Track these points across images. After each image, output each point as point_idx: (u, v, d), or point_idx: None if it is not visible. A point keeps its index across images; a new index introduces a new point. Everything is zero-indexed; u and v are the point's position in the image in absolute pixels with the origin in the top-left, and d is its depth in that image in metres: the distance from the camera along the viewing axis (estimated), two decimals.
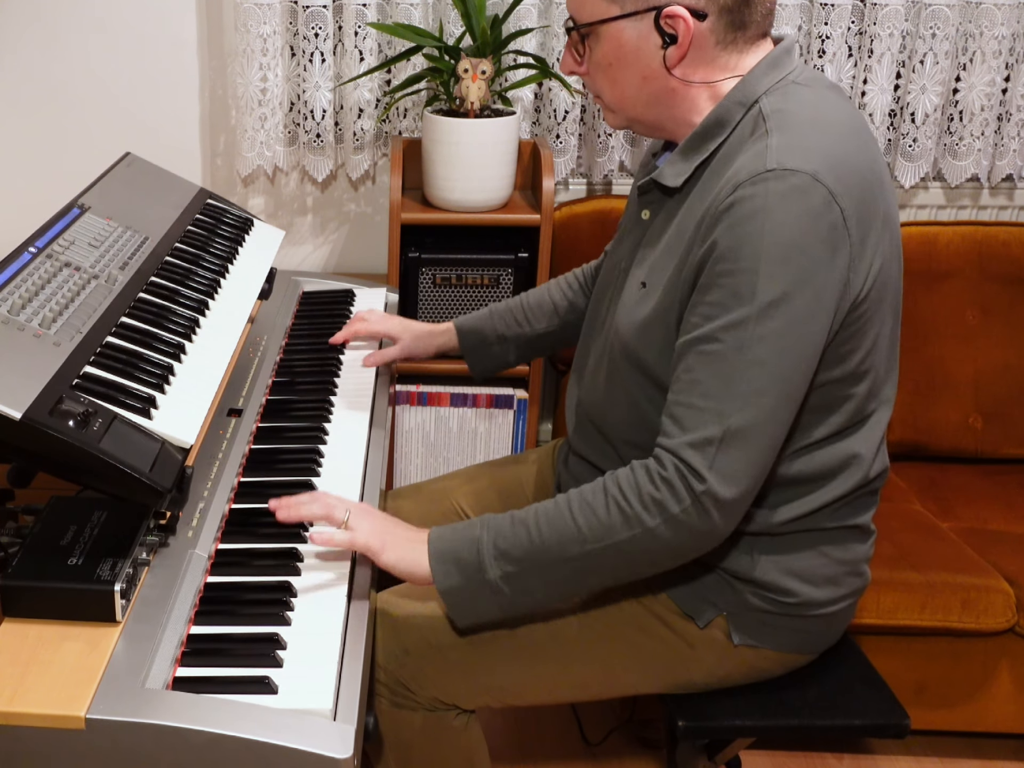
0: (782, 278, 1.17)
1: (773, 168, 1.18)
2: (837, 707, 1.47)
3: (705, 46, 1.26)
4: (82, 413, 1.11)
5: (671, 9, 1.23)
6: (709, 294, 1.21)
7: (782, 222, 1.17)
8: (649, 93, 1.30)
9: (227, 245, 1.71)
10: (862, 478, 1.36)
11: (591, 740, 2.11)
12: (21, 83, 2.40)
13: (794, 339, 1.19)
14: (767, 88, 1.27)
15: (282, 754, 0.98)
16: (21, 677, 1.03)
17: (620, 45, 1.28)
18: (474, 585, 1.26)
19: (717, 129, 1.28)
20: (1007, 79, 2.45)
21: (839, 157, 1.21)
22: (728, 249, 1.19)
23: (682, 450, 1.21)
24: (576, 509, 1.24)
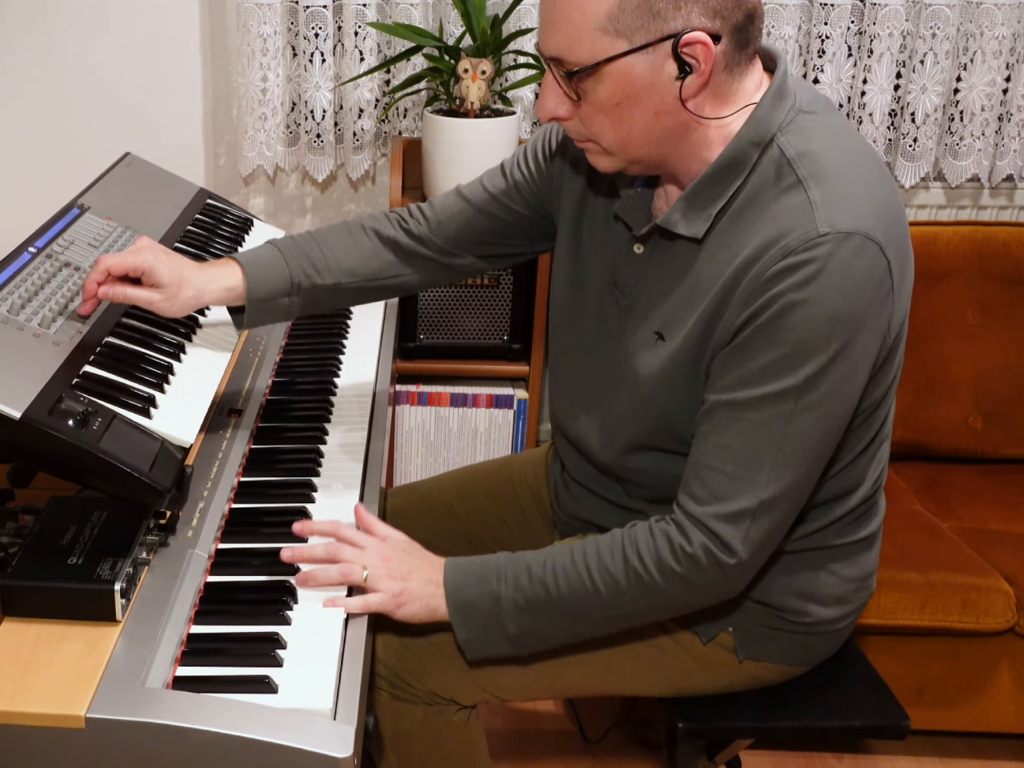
0: (830, 348, 1.13)
1: (827, 233, 1.12)
2: (837, 707, 1.47)
3: (717, 72, 1.16)
4: (82, 412, 1.11)
5: (691, 36, 1.10)
6: (752, 359, 1.16)
7: (837, 290, 1.12)
8: (661, 130, 1.18)
9: (227, 245, 1.71)
10: (869, 489, 1.35)
11: (590, 737, 2.11)
12: (21, 83, 2.40)
13: (836, 402, 1.17)
14: (780, 124, 1.19)
15: (282, 753, 0.98)
16: (21, 677, 1.02)
17: (630, 82, 1.14)
18: (492, 636, 1.29)
19: (732, 172, 1.19)
20: (1008, 79, 2.44)
21: (879, 203, 1.16)
22: (777, 316, 1.13)
23: (713, 523, 1.19)
24: (595, 572, 1.24)
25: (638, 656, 1.41)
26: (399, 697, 1.41)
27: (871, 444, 1.32)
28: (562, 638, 1.32)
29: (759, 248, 1.16)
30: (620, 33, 1.11)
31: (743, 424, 1.17)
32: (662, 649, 1.40)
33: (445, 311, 2.35)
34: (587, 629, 1.31)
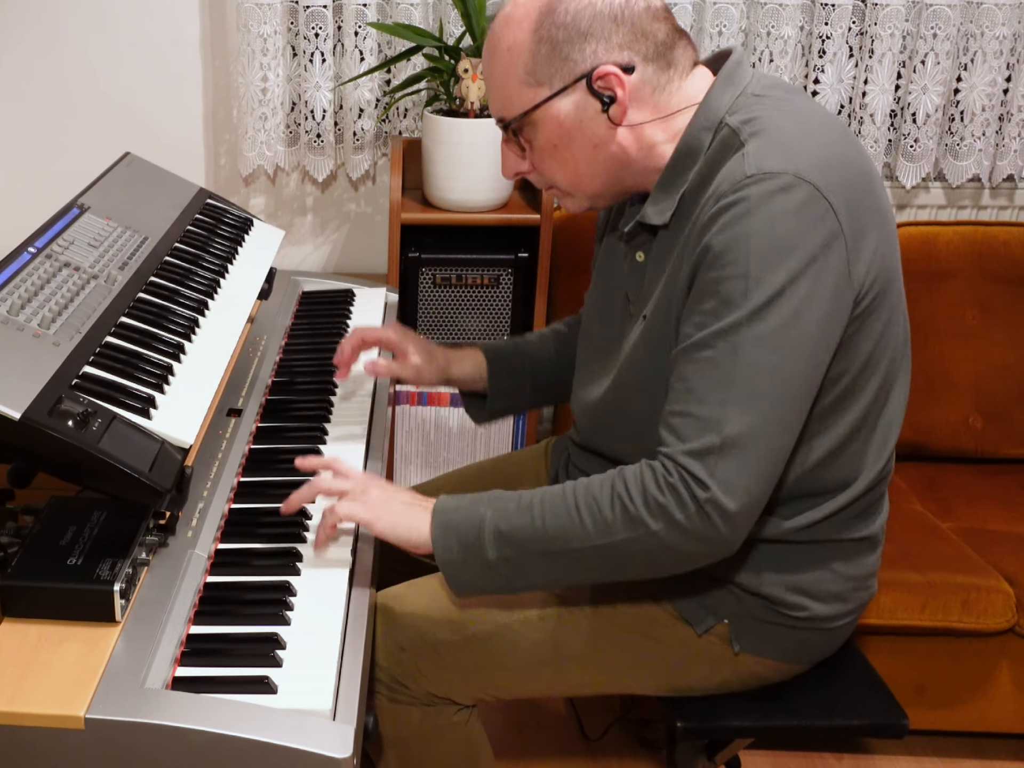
0: (772, 279, 1.15)
1: (753, 173, 1.17)
2: (837, 707, 1.47)
3: (643, 95, 1.25)
4: (81, 413, 1.11)
5: (601, 70, 1.22)
6: (701, 303, 1.20)
7: (769, 222, 1.15)
8: (604, 160, 1.28)
9: (227, 245, 1.71)
10: (872, 481, 1.35)
11: (590, 735, 2.11)
12: (22, 82, 2.40)
13: (789, 340, 1.17)
14: (728, 106, 1.25)
15: (282, 754, 0.98)
16: (21, 677, 1.03)
17: (560, 123, 1.26)
18: (472, 562, 1.25)
19: (689, 158, 1.26)
20: (1008, 79, 2.44)
21: (820, 153, 1.19)
22: (716, 256, 1.18)
23: (682, 459, 1.19)
24: (581, 503, 1.23)
25: (634, 650, 1.41)
26: (397, 700, 1.41)
27: (864, 428, 1.31)
28: (543, 573, 1.26)
29: (701, 206, 1.22)
30: (540, 83, 1.25)
31: (699, 364, 1.19)
32: (658, 641, 1.40)
33: (445, 311, 2.35)
34: (568, 566, 1.25)
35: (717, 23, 2.34)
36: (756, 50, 2.38)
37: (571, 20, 1.22)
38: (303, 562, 1.25)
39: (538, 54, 1.23)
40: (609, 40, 1.22)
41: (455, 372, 1.62)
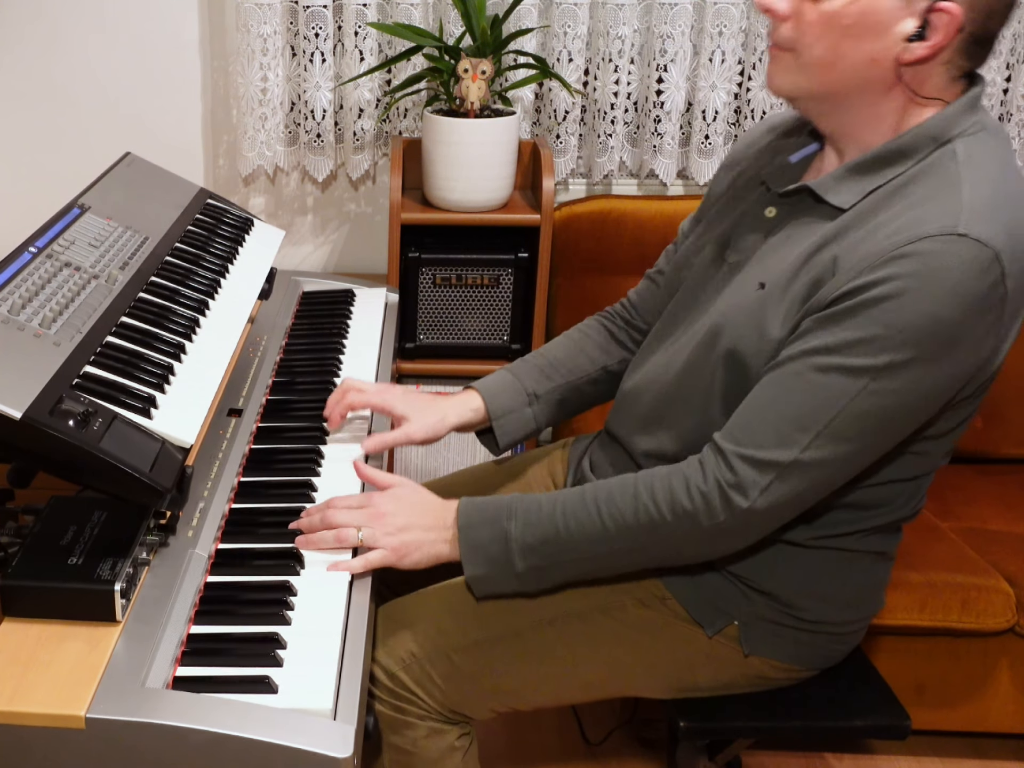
0: (920, 346, 1.13)
1: (964, 235, 1.11)
2: (837, 707, 1.47)
3: (942, 56, 1.17)
4: (82, 413, 1.11)
5: (949, 5, 1.12)
6: (843, 329, 1.15)
7: (947, 291, 1.11)
8: (864, 77, 1.18)
9: (227, 245, 1.71)
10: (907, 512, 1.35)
11: (591, 740, 2.11)
12: (22, 83, 2.40)
13: (905, 402, 1.16)
14: (962, 130, 1.20)
15: (282, 753, 0.98)
16: (21, 677, 1.03)
17: (869, 13, 1.14)
18: (500, 574, 1.30)
19: (901, 158, 1.20)
20: (1008, 79, 2.44)
21: (1019, 232, 1.15)
22: (883, 298, 1.13)
23: (738, 462, 1.19)
24: (604, 510, 1.25)
25: (643, 651, 1.41)
26: (403, 711, 1.40)
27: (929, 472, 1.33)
28: (569, 575, 1.33)
29: (896, 226, 1.15)
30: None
31: (809, 385, 1.17)
32: (668, 642, 1.40)
33: (445, 311, 2.35)
34: (593, 566, 1.32)
35: (717, 23, 2.34)
36: (756, 50, 2.38)
37: None
38: (303, 562, 1.25)
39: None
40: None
41: (453, 421, 1.51)
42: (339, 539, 1.26)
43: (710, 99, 2.41)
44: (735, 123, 2.48)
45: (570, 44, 2.35)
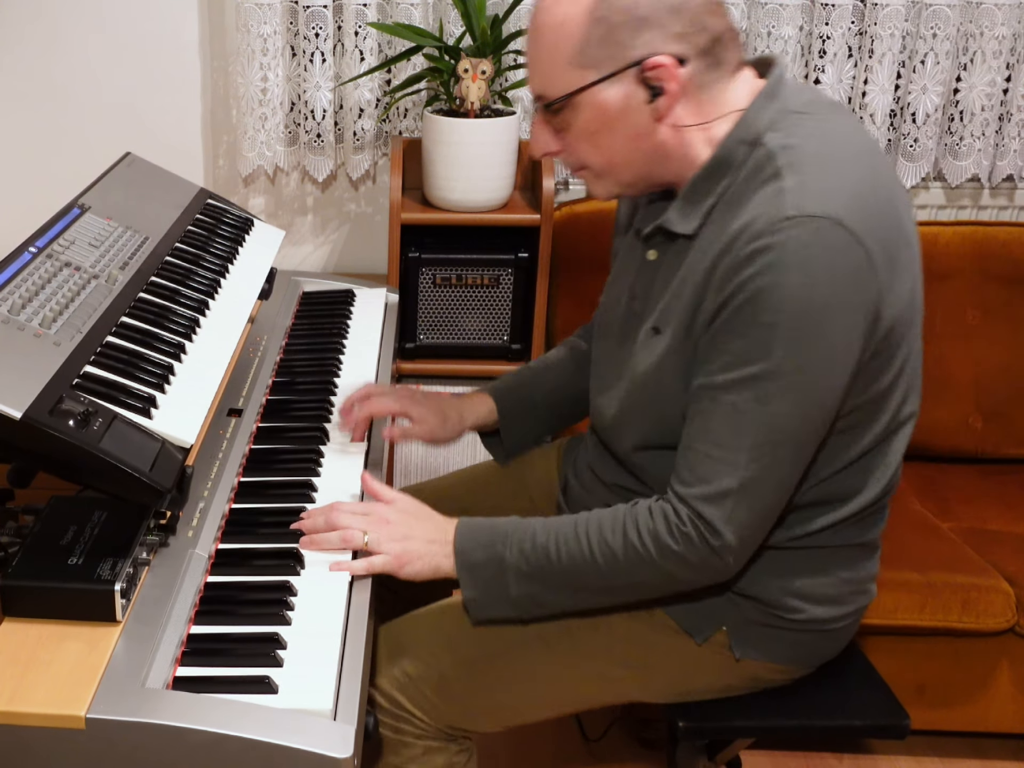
0: (803, 331, 1.15)
1: (792, 216, 1.13)
2: (837, 707, 1.47)
3: (690, 90, 1.21)
4: (82, 413, 1.11)
5: (654, 60, 1.17)
6: (729, 343, 1.18)
7: (805, 273, 1.13)
8: (642, 151, 1.25)
9: (227, 245, 1.71)
10: (878, 493, 1.35)
11: (590, 736, 2.11)
12: (22, 83, 2.40)
13: (814, 388, 1.18)
14: (769, 122, 1.22)
15: (282, 754, 0.98)
16: (21, 677, 1.03)
17: (604, 109, 1.21)
18: (495, 597, 1.32)
19: (722, 170, 1.23)
20: (1008, 79, 2.44)
21: (858, 192, 1.17)
22: (748, 300, 1.15)
23: (698, 504, 1.21)
24: (595, 545, 1.27)
25: (635, 662, 1.40)
26: (400, 731, 1.40)
27: (873, 452, 1.31)
28: (562, 604, 1.34)
29: (734, 235, 1.18)
30: (588, 65, 1.19)
31: (723, 407, 1.20)
32: (660, 654, 1.40)
33: (445, 311, 2.35)
34: (587, 597, 1.33)
35: None
36: (756, 50, 2.38)
37: (631, 3, 1.16)
38: (303, 562, 1.25)
39: (591, 35, 1.18)
40: (666, 29, 1.17)
41: (470, 423, 1.62)
42: (344, 540, 1.26)
43: None
44: None
45: None
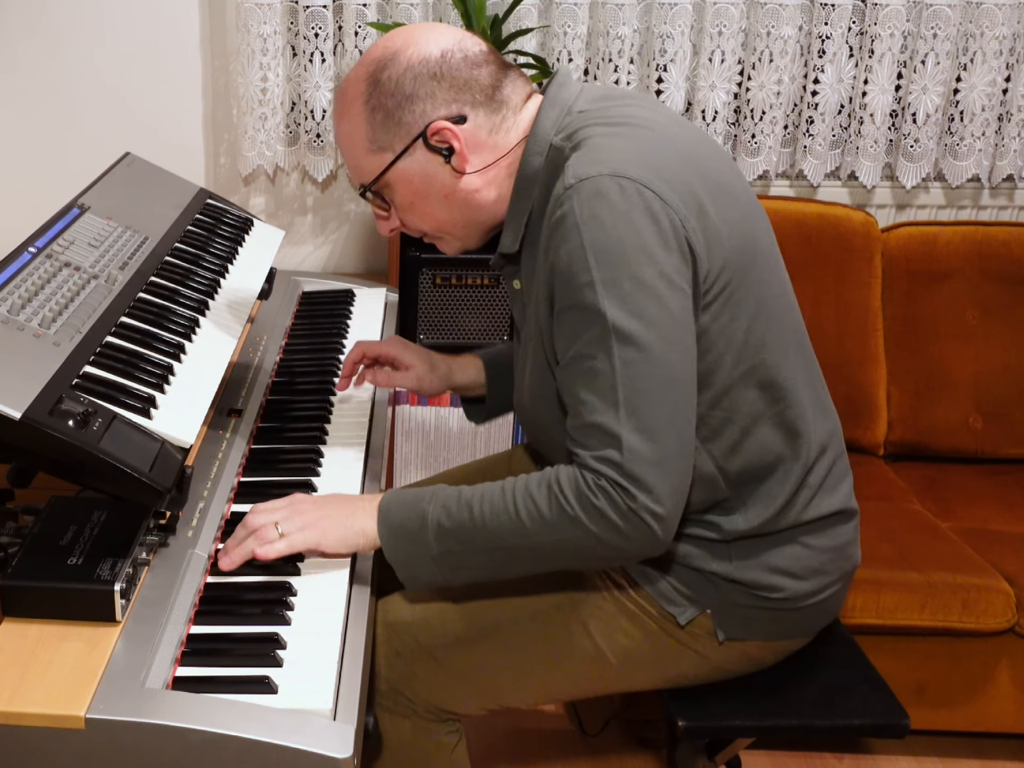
0: (617, 278, 1.18)
1: (571, 183, 1.21)
2: (837, 707, 1.47)
3: (479, 139, 1.30)
4: (82, 413, 1.11)
5: (433, 127, 1.28)
6: (564, 319, 1.23)
7: (597, 224, 1.19)
8: (458, 206, 1.34)
9: (227, 245, 1.71)
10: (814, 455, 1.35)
11: (589, 731, 2.11)
12: (22, 82, 2.40)
13: (654, 331, 1.19)
14: (554, 127, 1.30)
15: (282, 754, 0.98)
16: (21, 677, 1.03)
17: (410, 181, 1.32)
18: (418, 557, 1.26)
19: (526, 185, 1.31)
20: (1008, 79, 2.45)
21: (637, 149, 1.23)
22: (562, 272, 1.21)
23: (596, 464, 1.20)
24: (520, 501, 1.24)
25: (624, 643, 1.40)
26: (392, 709, 1.41)
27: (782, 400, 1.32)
28: (484, 566, 1.28)
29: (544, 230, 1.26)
30: (383, 148, 1.31)
31: (580, 376, 1.22)
32: (645, 635, 1.40)
33: (445, 311, 2.35)
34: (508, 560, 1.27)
35: (717, 23, 2.34)
36: (756, 50, 2.38)
37: (395, 86, 1.28)
38: (303, 562, 1.25)
39: (374, 123, 1.30)
40: (435, 97, 1.28)
41: (458, 379, 1.66)
42: (258, 537, 1.23)
43: (709, 99, 2.41)
44: (735, 123, 2.48)
45: (570, 44, 2.36)
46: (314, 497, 1.31)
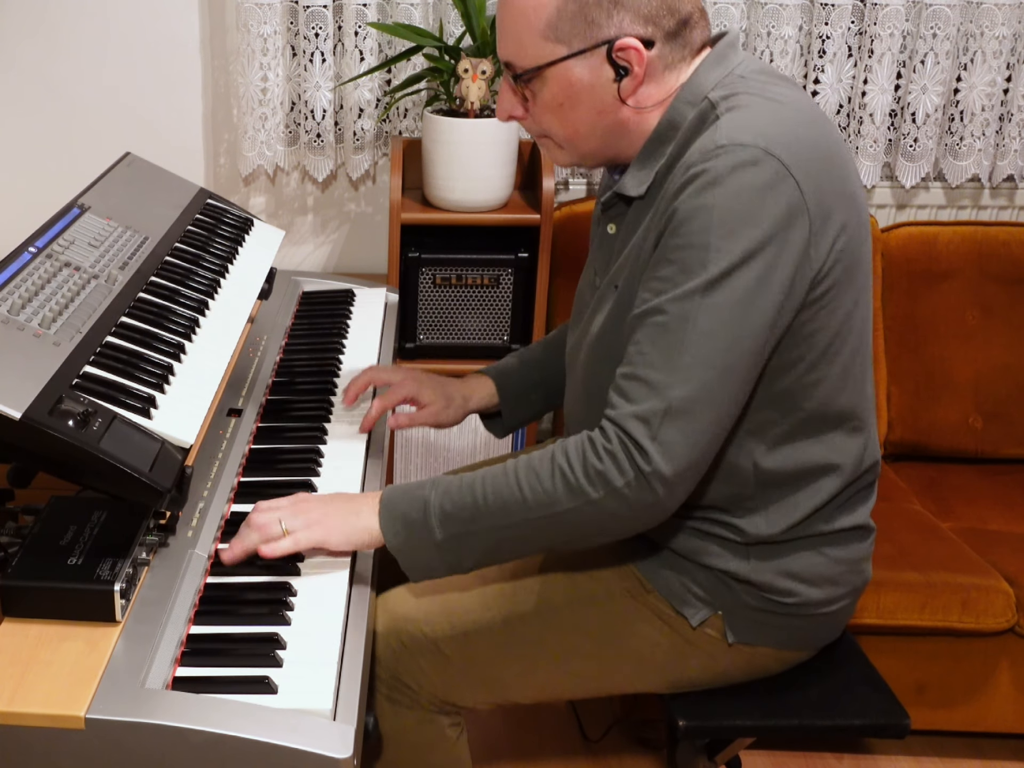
0: (731, 249, 1.16)
1: (723, 144, 1.18)
2: (837, 707, 1.47)
3: (655, 71, 1.26)
4: (82, 413, 1.11)
5: (623, 42, 1.22)
6: (660, 269, 1.21)
7: (733, 194, 1.16)
8: (604, 126, 1.29)
9: (227, 245, 1.71)
10: (850, 475, 1.35)
11: (590, 737, 2.11)
12: (22, 82, 2.40)
13: (742, 311, 1.18)
14: (715, 83, 1.26)
15: (282, 754, 0.98)
16: (21, 677, 1.03)
17: (571, 84, 1.25)
18: (421, 544, 1.25)
19: (670, 132, 1.27)
20: (1008, 79, 2.44)
21: (792, 132, 1.21)
22: (679, 223, 1.19)
23: (625, 421, 1.19)
24: (522, 476, 1.23)
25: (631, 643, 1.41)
26: (395, 701, 1.41)
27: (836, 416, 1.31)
28: (490, 549, 1.26)
29: (674, 176, 1.23)
30: (559, 40, 1.23)
31: (653, 329, 1.20)
32: (654, 636, 1.40)
33: (445, 311, 2.35)
34: (513, 539, 1.25)
35: (717, 23, 2.34)
36: (756, 50, 2.38)
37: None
38: (303, 562, 1.25)
39: (564, 11, 1.22)
40: (638, 11, 1.22)
41: (473, 405, 1.65)
42: (263, 534, 1.22)
43: None
44: None
45: None
46: (318, 495, 1.30)
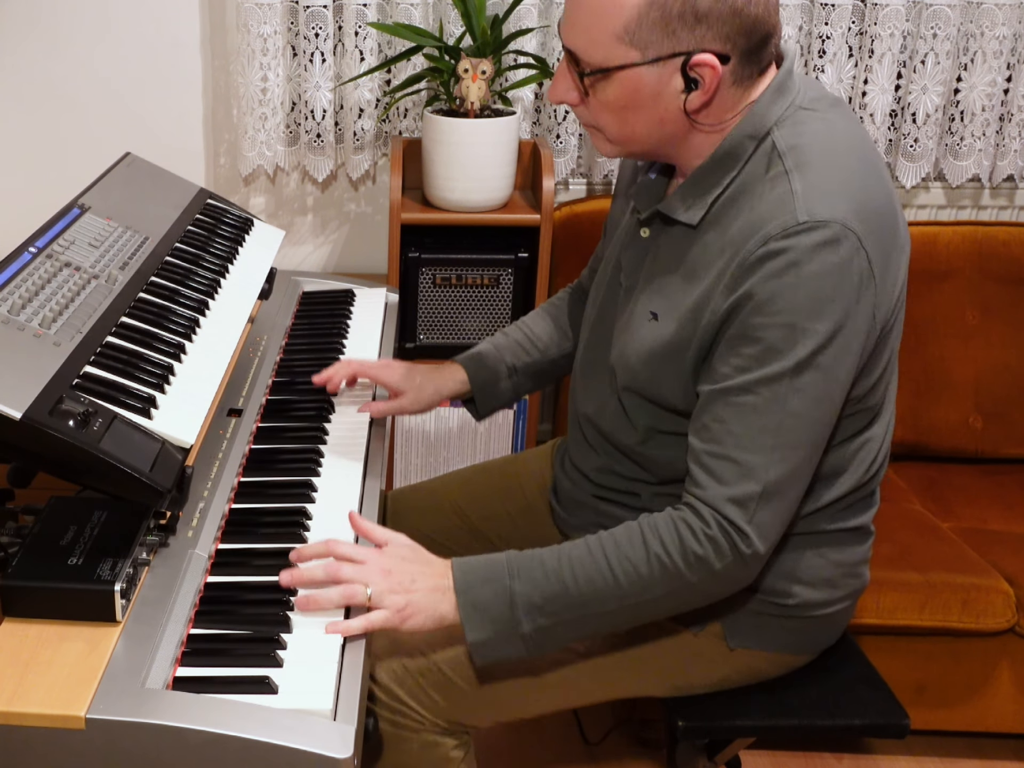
0: (818, 331, 1.17)
1: (804, 221, 1.16)
2: (837, 707, 1.47)
3: (725, 86, 1.22)
4: (82, 413, 1.11)
5: (700, 57, 1.17)
6: (743, 346, 1.20)
7: (817, 275, 1.16)
8: (662, 133, 1.26)
9: (227, 245, 1.71)
10: (861, 476, 1.36)
11: (590, 739, 2.11)
12: (22, 83, 2.40)
13: (825, 387, 1.20)
14: (776, 118, 1.24)
15: (282, 754, 0.98)
16: (21, 677, 1.03)
17: (637, 90, 1.21)
18: (505, 637, 1.24)
19: (729, 162, 1.25)
20: (1008, 79, 2.44)
21: (861, 196, 1.20)
22: (762, 303, 1.17)
23: (722, 505, 1.21)
24: (614, 561, 1.23)
25: (633, 655, 1.41)
26: (399, 725, 1.38)
27: (857, 435, 1.34)
28: (576, 635, 1.28)
29: (744, 235, 1.20)
30: (635, 44, 1.18)
31: (741, 409, 1.20)
32: (655, 644, 1.40)
33: (445, 311, 2.35)
34: (602, 623, 1.27)
35: None
36: None
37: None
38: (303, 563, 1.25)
39: (646, 17, 1.16)
40: (720, 29, 1.16)
41: (447, 392, 1.63)
42: (346, 597, 1.17)
43: None
44: None
45: None
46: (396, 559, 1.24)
